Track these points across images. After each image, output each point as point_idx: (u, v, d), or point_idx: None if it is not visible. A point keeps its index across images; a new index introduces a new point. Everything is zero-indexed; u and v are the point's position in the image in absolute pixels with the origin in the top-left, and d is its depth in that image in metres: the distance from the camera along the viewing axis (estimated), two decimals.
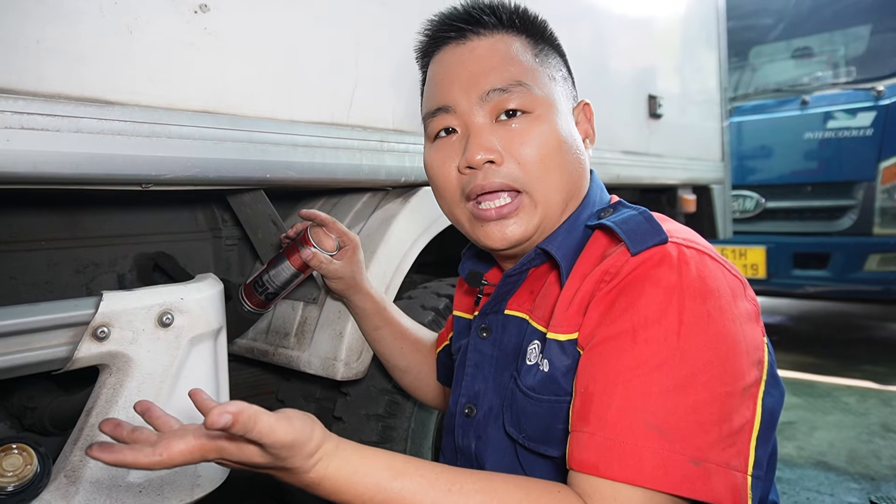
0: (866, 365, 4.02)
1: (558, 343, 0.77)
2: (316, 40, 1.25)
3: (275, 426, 0.58)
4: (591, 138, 0.91)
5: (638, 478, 0.62)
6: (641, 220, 0.77)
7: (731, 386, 0.66)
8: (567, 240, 0.83)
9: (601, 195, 0.90)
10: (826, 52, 4.44)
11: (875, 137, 3.94)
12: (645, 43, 2.53)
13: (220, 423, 0.54)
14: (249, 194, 1.26)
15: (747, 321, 0.71)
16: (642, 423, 0.64)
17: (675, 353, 0.66)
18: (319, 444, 0.63)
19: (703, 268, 0.71)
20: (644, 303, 0.69)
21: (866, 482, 2.43)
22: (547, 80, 0.84)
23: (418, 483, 0.64)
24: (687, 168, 2.77)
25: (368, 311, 1.17)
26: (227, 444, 0.60)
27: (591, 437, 0.66)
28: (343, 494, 0.64)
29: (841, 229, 4.04)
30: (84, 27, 0.92)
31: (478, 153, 0.79)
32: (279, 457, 0.60)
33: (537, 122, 0.81)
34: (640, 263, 0.71)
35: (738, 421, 0.66)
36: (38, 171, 0.86)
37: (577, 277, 0.79)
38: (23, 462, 0.88)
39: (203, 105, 1.06)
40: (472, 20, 0.84)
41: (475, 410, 0.90)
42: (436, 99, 0.86)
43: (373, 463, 0.65)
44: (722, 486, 0.63)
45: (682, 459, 0.62)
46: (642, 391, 0.65)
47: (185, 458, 0.59)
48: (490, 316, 0.92)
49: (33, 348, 0.88)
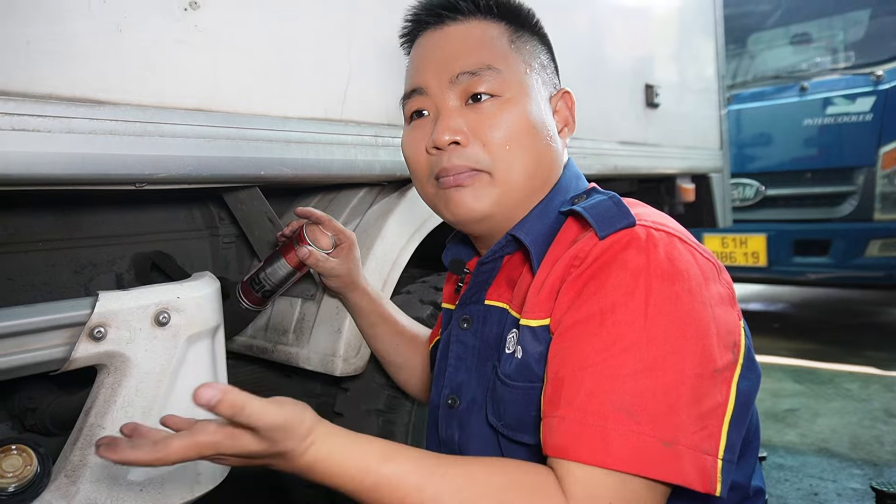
0: (868, 351, 4.02)
1: (530, 329, 0.78)
2: (308, 35, 1.25)
3: (266, 408, 0.59)
4: (570, 127, 0.91)
5: (607, 460, 0.62)
6: (610, 205, 0.77)
7: (702, 368, 0.66)
8: (537, 225, 0.84)
9: (577, 182, 0.90)
10: (825, 37, 4.41)
11: (875, 122, 3.93)
12: (641, 31, 2.52)
13: (204, 398, 0.54)
14: (245, 192, 1.26)
15: (719, 304, 0.71)
16: (611, 406, 0.64)
17: (643, 335, 0.66)
18: (311, 427, 0.64)
19: (672, 250, 0.71)
20: (612, 286, 0.69)
21: (869, 468, 2.44)
22: (521, 66, 0.85)
23: (406, 467, 0.65)
24: (685, 157, 2.76)
25: (365, 308, 1.17)
26: (222, 438, 0.60)
27: (562, 421, 0.66)
28: (335, 477, 0.65)
29: (841, 215, 4.03)
30: (73, 27, 0.91)
31: (444, 134, 0.81)
32: (273, 440, 0.61)
33: (506, 106, 0.82)
34: (608, 247, 0.71)
35: (709, 404, 0.66)
36: (30, 172, 0.86)
37: (548, 263, 0.79)
38: (22, 463, 0.88)
39: (195, 103, 1.06)
40: (449, 6, 0.86)
41: (458, 401, 0.90)
42: (411, 81, 0.88)
43: (363, 447, 0.66)
44: (692, 468, 0.63)
45: (652, 441, 0.62)
46: (611, 374, 0.65)
47: (182, 455, 0.59)
48: (470, 306, 0.92)
49: (30, 349, 0.88)
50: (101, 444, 0.61)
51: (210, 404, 0.55)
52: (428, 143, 0.84)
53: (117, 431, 0.93)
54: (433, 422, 0.96)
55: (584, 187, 0.90)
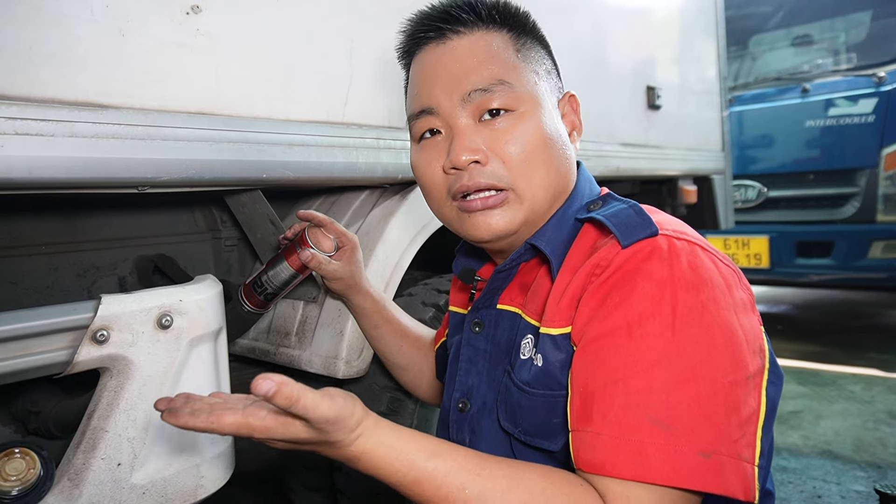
0: (871, 353, 4.01)
1: (551, 338, 0.77)
2: (309, 38, 1.25)
3: (319, 402, 0.60)
4: (577, 130, 0.90)
5: (647, 475, 0.62)
6: (631, 213, 0.77)
7: (734, 376, 0.66)
8: (556, 234, 0.83)
9: (590, 188, 0.90)
10: (826, 38, 4.41)
11: (877, 124, 3.92)
12: (643, 33, 2.52)
13: (262, 389, 0.56)
14: (247, 195, 1.26)
15: (743, 310, 0.71)
16: (646, 420, 0.64)
17: (672, 347, 0.66)
18: (360, 419, 0.65)
19: (695, 259, 0.71)
20: (637, 297, 0.68)
21: (873, 470, 2.43)
22: (530, 76, 0.84)
23: (450, 465, 0.66)
24: (687, 159, 2.76)
25: (368, 310, 1.17)
26: (273, 423, 0.62)
27: (597, 437, 0.66)
28: (380, 469, 0.66)
29: (844, 217, 4.02)
30: (76, 31, 0.92)
31: (462, 154, 0.80)
32: (324, 431, 0.62)
33: (521, 120, 0.81)
34: (630, 256, 0.71)
35: (746, 411, 0.66)
36: (33, 176, 0.86)
37: (567, 271, 0.79)
38: (26, 466, 0.88)
39: (197, 106, 1.06)
40: (451, 19, 0.84)
41: (469, 405, 0.90)
42: (419, 101, 0.86)
43: (409, 442, 0.67)
44: (734, 477, 0.63)
45: (690, 453, 0.62)
46: (644, 387, 0.65)
47: (234, 431, 0.61)
48: (482, 311, 0.92)
49: (33, 353, 0.88)
50: (161, 408, 0.64)
51: (267, 395, 0.56)
52: (445, 164, 0.83)
53: (119, 435, 0.94)
54: (444, 425, 0.96)
55: (598, 192, 0.90)
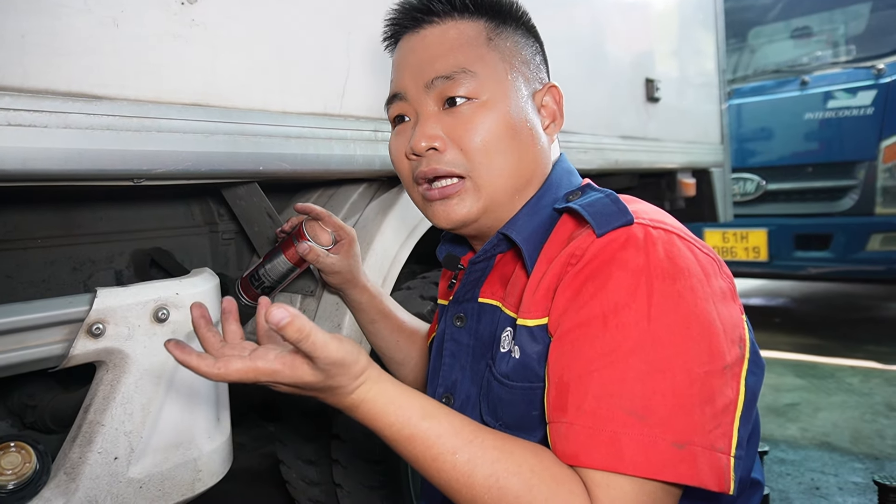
0: (870, 345, 4.02)
1: (528, 329, 0.77)
2: (306, 29, 1.24)
3: (328, 341, 0.61)
4: (557, 122, 0.90)
5: (620, 465, 0.62)
6: (608, 202, 0.76)
7: (710, 366, 0.65)
8: (528, 224, 0.83)
9: (569, 178, 0.89)
10: (825, 31, 4.40)
11: (876, 116, 3.92)
12: (641, 26, 2.51)
13: (276, 318, 0.56)
14: (244, 188, 1.26)
15: (722, 299, 0.70)
16: (620, 410, 0.63)
17: (648, 337, 0.65)
18: (365, 367, 0.66)
19: (671, 248, 0.70)
20: (612, 287, 0.68)
21: (871, 462, 2.44)
22: (499, 65, 0.84)
23: (445, 427, 0.66)
24: (686, 152, 2.75)
25: (365, 304, 1.17)
26: (280, 366, 0.62)
27: (571, 427, 0.66)
28: (376, 421, 0.67)
29: (842, 210, 4.02)
30: (69, 21, 0.90)
31: (421, 140, 0.82)
32: (329, 374, 0.63)
33: (483, 109, 0.81)
34: (605, 245, 0.70)
35: (722, 402, 0.65)
36: (27, 168, 0.85)
37: (544, 261, 0.78)
38: (21, 460, 0.88)
39: (193, 98, 1.05)
40: (424, 9, 0.85)
41: (452, 399, 0.90)
42: (391, 87, 0.89)
43: (408, 399, 0.67)
44: (707, 468, 0.62)
45: (664, 444, 0.62)
46: (618, 377, 0.65)
47: (240, 377, 0.62)
48: (464, 304, 0.92)
49: (28, 346, 0.88)
50: (171, 345, 0.64)
51: (280, 325, 0.56)
52: (407, 150, 0.85)
53: (116, 428, 0.93)
54: None
55: (578, 183, 0.89)
